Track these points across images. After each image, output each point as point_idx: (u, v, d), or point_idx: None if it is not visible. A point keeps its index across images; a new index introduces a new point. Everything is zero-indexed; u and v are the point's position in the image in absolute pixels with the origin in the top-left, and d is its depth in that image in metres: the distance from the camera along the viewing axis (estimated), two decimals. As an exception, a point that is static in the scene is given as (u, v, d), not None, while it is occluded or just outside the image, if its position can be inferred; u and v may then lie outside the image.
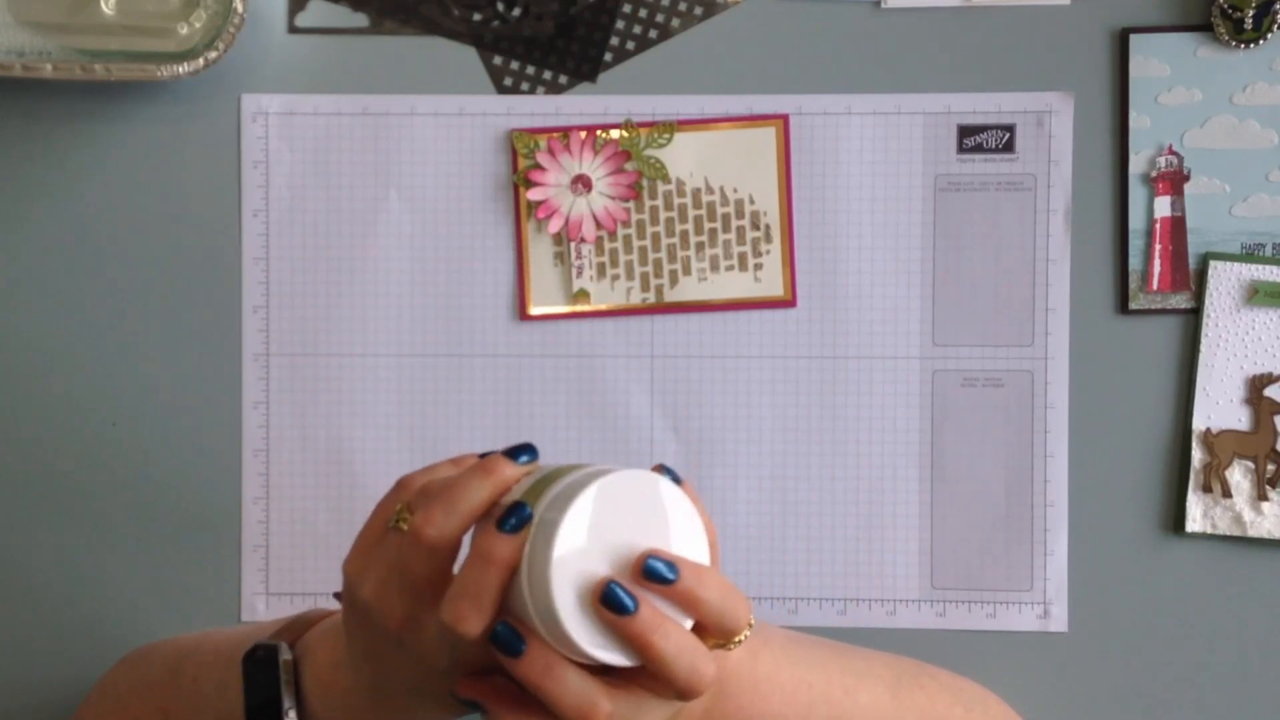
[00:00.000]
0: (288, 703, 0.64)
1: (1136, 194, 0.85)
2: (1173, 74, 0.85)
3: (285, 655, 0.65)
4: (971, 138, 0.86)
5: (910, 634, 0.86)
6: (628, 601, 0.54)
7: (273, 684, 0.64)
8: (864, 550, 0.86)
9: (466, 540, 0.58)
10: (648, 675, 0.57)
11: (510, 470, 0.57)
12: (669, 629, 0.55)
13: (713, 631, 0.58)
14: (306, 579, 0.87)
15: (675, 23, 0.86)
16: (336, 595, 0.63)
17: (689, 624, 0.57)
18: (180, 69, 0.83)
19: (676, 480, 0.58)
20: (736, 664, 0.65)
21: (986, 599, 0.86)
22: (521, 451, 0.58)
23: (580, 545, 0.55)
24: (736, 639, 0.59)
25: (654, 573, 0.55)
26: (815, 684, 0.68)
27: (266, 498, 0.87)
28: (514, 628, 0.55)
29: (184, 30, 0.84)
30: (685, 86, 0.86)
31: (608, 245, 0.86)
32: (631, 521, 0.56)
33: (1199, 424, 0.85)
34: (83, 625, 0.87)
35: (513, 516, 0.55)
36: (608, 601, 0.54)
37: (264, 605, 0.86)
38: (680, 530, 0.57)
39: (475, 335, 0.87)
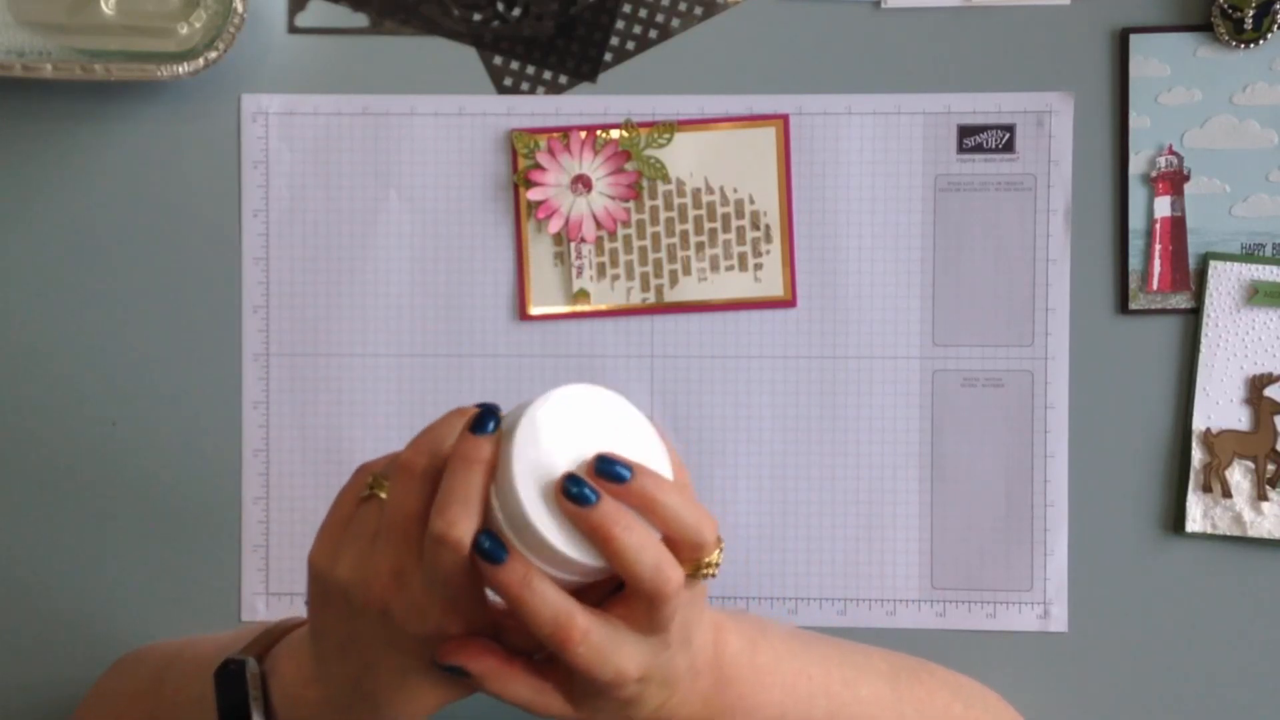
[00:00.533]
0: (256, 718, 0.64)
1: (1136, 194, 0.85)
2: (1173, 74, 0.85)
3: (253, 669, 0.65)
4: (971, 138, 0.86)
5: (910, 634, 0.86)
6: (589, 493, 0.56)
7: (243, 699, 0.64)
8: (864, 550, 0.86)
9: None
10: (623, 600, 0.58)
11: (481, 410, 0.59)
12: (632, 522, 0.56)
13: (679, 545, 0.58)
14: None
15: (675, 23, 0.86)
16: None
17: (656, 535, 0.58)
18: (180, 69, 0.83)
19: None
20: (736, 654, 0.65)
21: (986, 599, 0.86)
22: (486, 409, 0.59)
23: (544, 448, 0.57)
24: (708, 563, 0.59)
25: (607, 471, 0.56)
26: (815, 676, 0.68)
27: (266, 498, 0.87)
28: (495, 536, 0.56)
29: (184, 30, 0.84)
30: (685, 86, 0.86)
31: (608, 245, 0.86)
32: (593, 430, 0.58)
33: (1199, 424, 0.85)
34: (83, 624, 0.87)
35: (484, 419, 0.57)
36: (569, 493, 0.56)
37: (264, 605, 0.87)
38: (639, 442, 0.59)
39: (475, 335, 0.87)
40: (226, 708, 0.65)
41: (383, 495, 0.60)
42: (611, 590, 0.60)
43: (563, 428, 0.58)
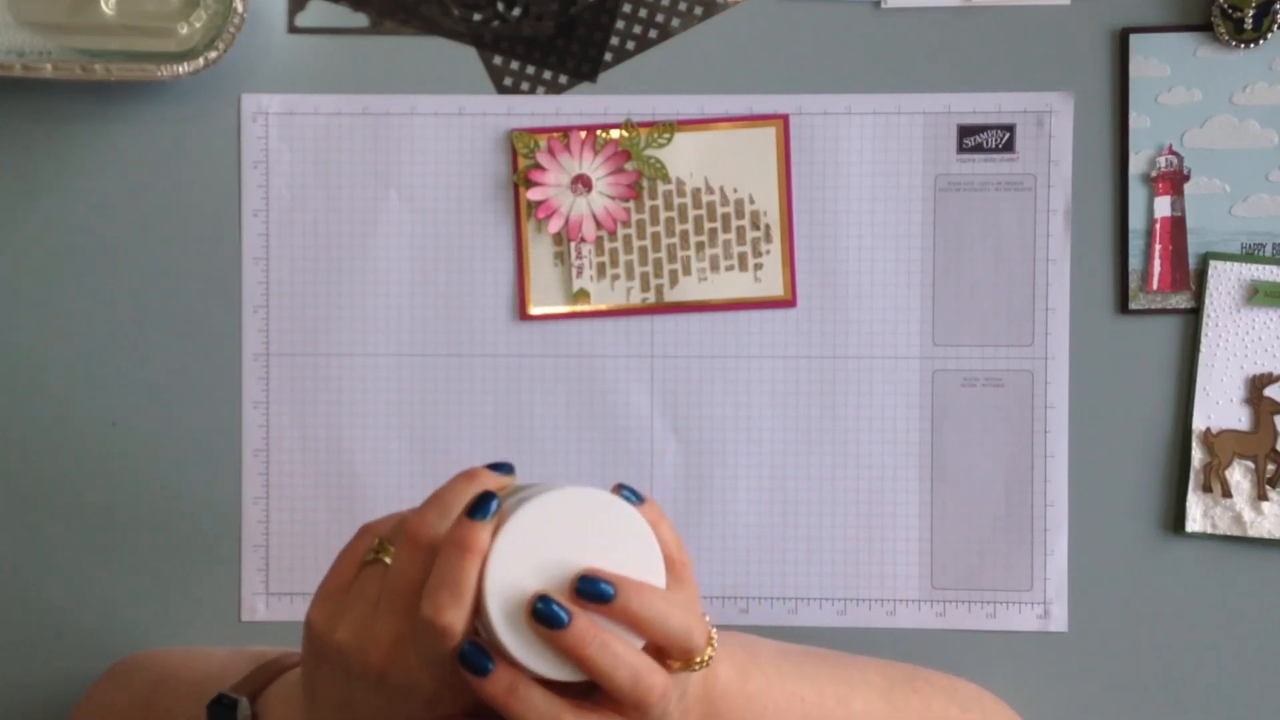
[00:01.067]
0: None
1: (1136, 194, 0.85)
2: (1173, 74, 0.85)
3: (245, 711, 0.65)
4: (971, 138, 0.86)
5: (910, 634, 0.86)
6: (560, 614, 0.55)
7: None
8: (864, 550, 0.86)
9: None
10: (611, 696, 0.57)
11: (491, 477, 0.58)
12: (606, 640, 0.56)
13: (667, 651, 0.58)
14: (306, 579, 0.87)
15: (675, 23, 0.86)
16: None
17: (640, 643, 0.57)
18: (180, 69, 0.83)
19: (638, 499, 0.59)
20: (726, 684, 0.65)
21: (986, 599, 0.86)
22: (499, 466, 0.59)
23: (525, 560, 0.56)
24: (699, 659, 0.59)
25: (590, 591, 0.56)
26: (808, 696, 0.68)
27: (266, 498, 0.87)
28: (480, 646, 0.56)
29: (184, 30, 0.84)
30: (685, 86, 0.86)
31: (608, 245, 0.86)
32: (577, 539, 0.57)
33: (1199, 424, 0.85)
34: (83, 625, 0.87)
35: (483, 504, 0.56)
36: (539, 614, 0.55)
37: (264, 605, 0.87)
38: (629, 550, 0.57)
39: (475, 335, 0.87)
40: None
41: (387, 560, 0.59)
42: None
43: (547, 535, 0.57)
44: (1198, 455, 0.85)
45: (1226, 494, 0.85)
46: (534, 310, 0.86)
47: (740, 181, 0.86)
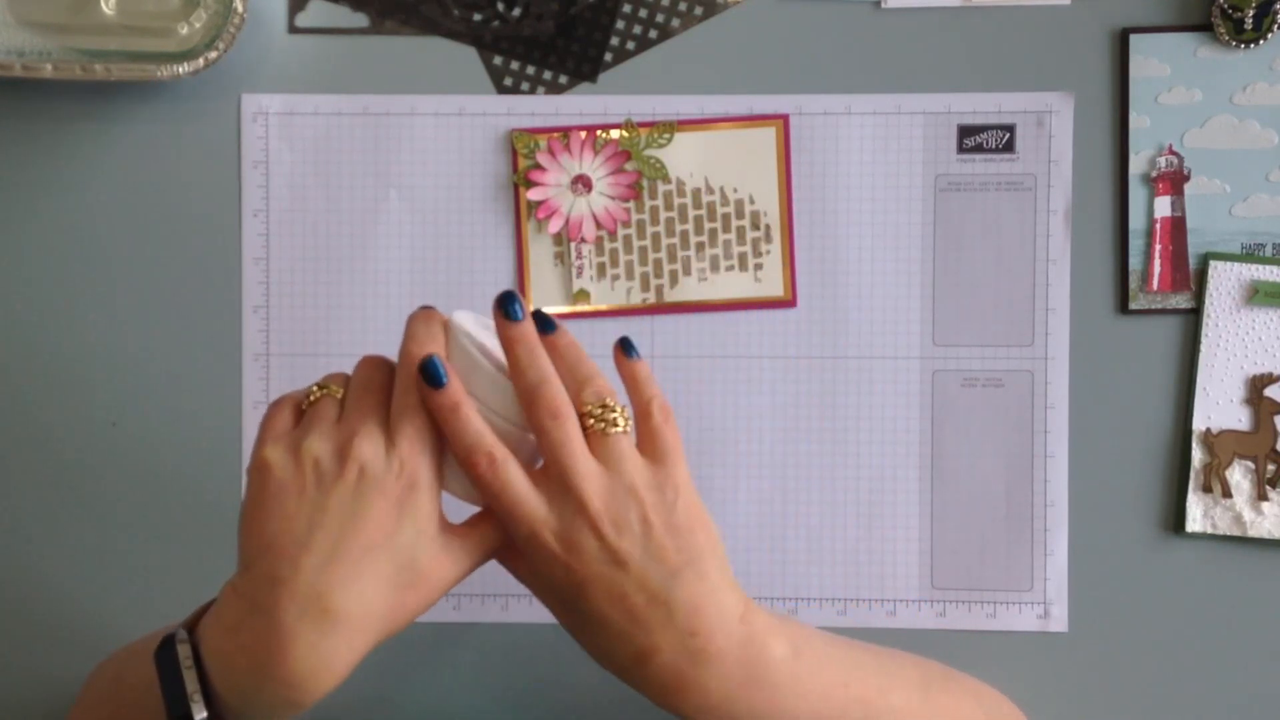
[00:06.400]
0: (190, 685, 0.64)
1: (1136, 194, 0.85)
2: (1173, 74, 0.85)
3: (182, 637, 0.65)
4: (971, 138, 0.86)
5: (910, 634, 0.86)
6: (517, 310, 0.67)
7: (179, 670, 0.64)
8: (864, 550, 0.86)
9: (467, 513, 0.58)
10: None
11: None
12: (534, 346, 0.67)
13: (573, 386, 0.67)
14: (306, 579, 0.87)
15: (675, 23, 0.86)
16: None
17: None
18: (180, 69, 0.83)
19: (633, 351, 0.70)
20: (779, 660, 0.66)
21: (986, 599, 0.86)
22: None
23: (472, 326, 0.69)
24: (605, 414, 0.66)
25: (502, 306, 0.67)
26: (851, 684, 0.68)
27: (266, 498, 0.87)
28: (441, 362, 0.65)
29: (184, 30, 0.84)
30: (685, 86, 0.86)
31: (608, 245, 0.86)
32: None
33: (1199, 424, 0.85)
34: (82, 625, 0.87)
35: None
36: (503, 306, 0.67)
37: (264, 605, 0.86)
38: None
39: (475, 335, 0.87)
40: (168, 681, 0.64)
41: (336, 391, 0.66)
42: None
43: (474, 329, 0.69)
44: (1198, 455, 0.85)
45: (1226, 494, 0.85)
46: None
47: (740, 181, 0.86)
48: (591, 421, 0.66)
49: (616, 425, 0.66)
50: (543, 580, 0.66)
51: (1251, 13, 0.83)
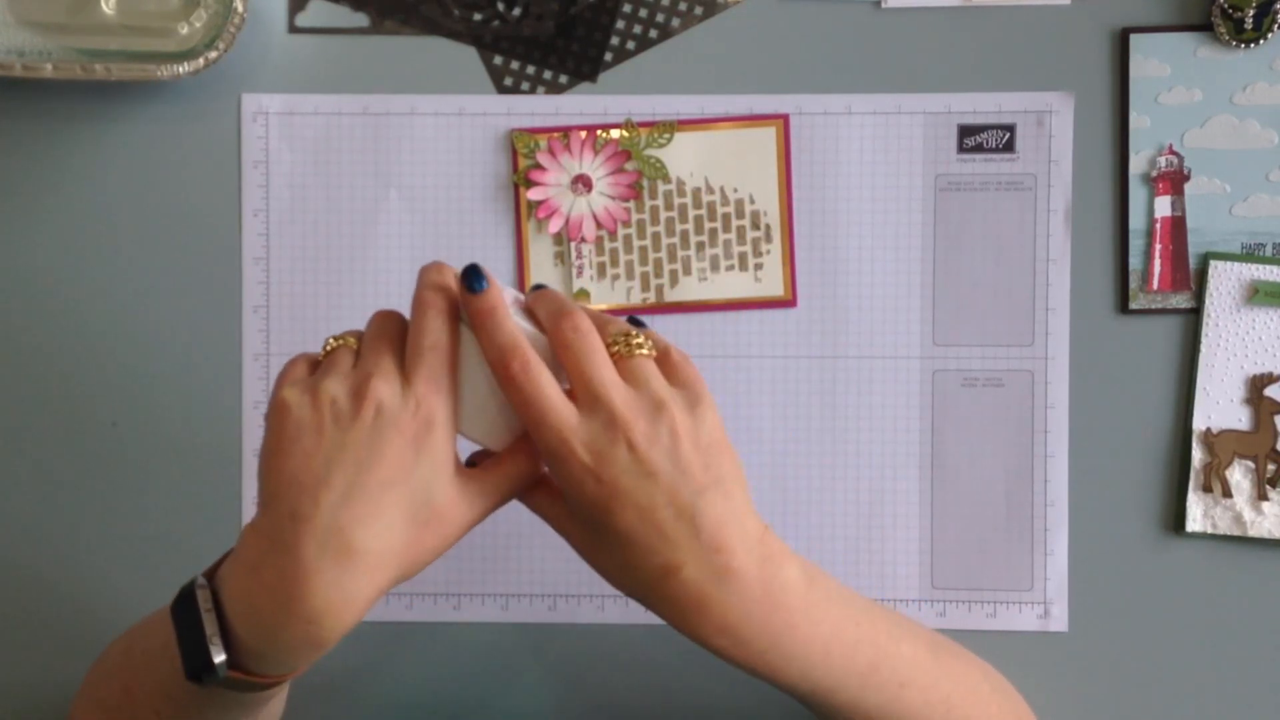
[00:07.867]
0: (210, 628, 0.63)
1: (1136, 194, 0.85)
2: (1173, 74, 0.85)
3: (200, 583, 0.65)
4: (972, 137, 0.86)
5: (910, 634, 0.86)
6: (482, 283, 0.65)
7: (197, 616, 0.64)
8: (864, 550, 0.86)
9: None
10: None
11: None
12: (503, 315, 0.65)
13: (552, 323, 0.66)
14: (306, 579, 0.87)
15: (675, 23, 0.86)
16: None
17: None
18: (180, 69, 0.83)
19: (640, 325, 0.68)
20: (793, 580, 0.66)
21: (986, 599, 0.86)
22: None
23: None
24: (635, 341, 0.66)
25: (470, 281, 0.65)
26: (863, 623, 0.69)
27: (266, 498, 0.87)
28: (483, 271, 0.65)
29: (184, 30, 0.84)
30: (685, 86, 0.86)
31: (608, 245, 0.86)
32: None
33: (1199, 424, 0.85)
34: (82, 625, 0.87)
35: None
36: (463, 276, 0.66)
37: (264, 605, 0.86)
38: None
39: (475, 335, 0.87)
40: (186, 631, 0.64)
41: (352, 343, 0.66)
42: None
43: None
44: (1198, 455, 0.85)
45: (1227, 494, 0.85)
46: (534, 310, 0.86)
47: (740, 181, 0.86)
48: (617, 348, 0.65)
49: (642, 349, 0.66)
50: (571, 496, 0.65)
51: (1251, 13, 0.83)
